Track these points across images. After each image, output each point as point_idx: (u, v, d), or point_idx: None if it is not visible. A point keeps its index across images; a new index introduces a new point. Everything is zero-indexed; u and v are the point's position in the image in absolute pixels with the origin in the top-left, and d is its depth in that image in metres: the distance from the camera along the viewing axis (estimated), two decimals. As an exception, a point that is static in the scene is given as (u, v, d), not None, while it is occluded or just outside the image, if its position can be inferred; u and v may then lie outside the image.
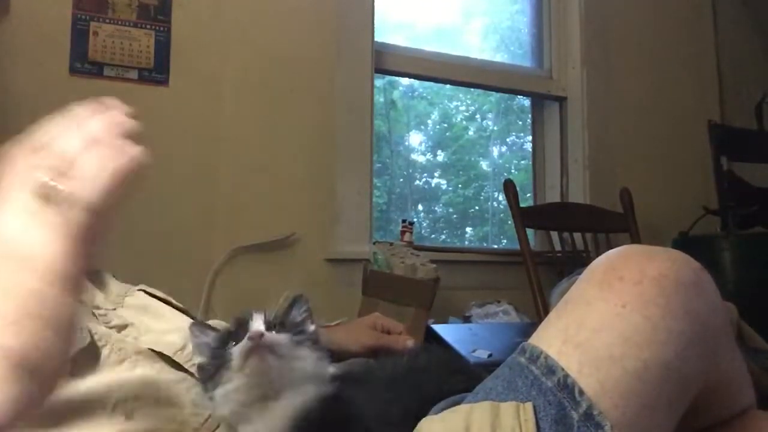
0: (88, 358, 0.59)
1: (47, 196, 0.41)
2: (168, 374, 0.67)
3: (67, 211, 0.40)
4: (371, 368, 0.74)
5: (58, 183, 0.41)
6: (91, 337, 0.60)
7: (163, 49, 1.87)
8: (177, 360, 0.68)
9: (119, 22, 1.83)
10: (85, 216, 0.41)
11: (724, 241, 2.22)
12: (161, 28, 1.88)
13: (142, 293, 0.82)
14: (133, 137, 0.46)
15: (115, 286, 0.81)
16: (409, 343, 0.97)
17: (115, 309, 0.74)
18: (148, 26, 1.86)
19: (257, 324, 0.64)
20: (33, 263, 0.40)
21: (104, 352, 0.60)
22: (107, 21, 1.82)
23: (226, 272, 1.87)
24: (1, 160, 0.45)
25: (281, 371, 0.62)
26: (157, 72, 1.87)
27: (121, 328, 0.69)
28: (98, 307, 0.70)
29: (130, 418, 0.61)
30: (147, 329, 0.72)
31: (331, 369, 0.67)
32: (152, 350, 0.67)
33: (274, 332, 0.64)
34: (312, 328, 0.71)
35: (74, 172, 0.42)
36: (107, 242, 0.46)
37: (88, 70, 1.80)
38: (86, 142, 0.43)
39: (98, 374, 0.58)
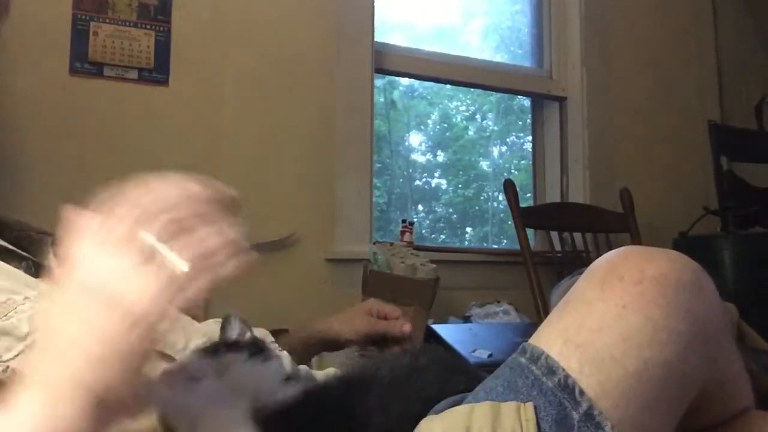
0: None
1: (153, 255, 0.44)
2: None
3: (168, 273, 0.43)
4: (371, 368, 0.74)
5: (167, 246, 0.44)
6: None
7: (163, 49, 1.87)
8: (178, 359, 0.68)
9: (119, 22, 1.83)
10: (181, 283, 0.44)
11: (724, 241, 2.23)
12: (161, 28, 1.88)
13: None
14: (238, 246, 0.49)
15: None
16: (406, 327, 0.97)
17: None
18: (148, 26, 1.86)
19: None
20: (129, 312, 0.43)
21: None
22: (107, 21, 1.82)
23: (226, 272, 1.86)
24: (108, 202, 0.47)
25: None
26: (157, 72, 1.87)
27: None
28: None
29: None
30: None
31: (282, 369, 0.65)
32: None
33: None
34: (249, 335, 0.69)
35: (182, 239, 0.44)
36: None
37: (88, 70, 1.80)
38: (201, 218, 0.46)
39: None
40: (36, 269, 0.68)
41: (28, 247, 0.72)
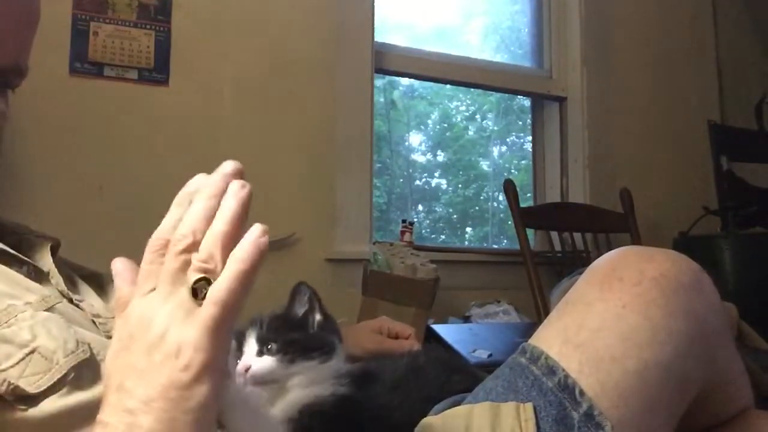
0: (90, 371, 0.59)
1: (199, 292, 0.44)
2: None
3: (213, 308, 0.43)
4: (371, 369, 0.74)
5: (204, 281, 0.44)
6: (90, 350, 0.60)
7: (163, 49, 1.87)
8: None
9: (119, 22, 1.83)
10: (223, 312, 0.43)
11: (724, 241, 2.23)
12: (161, 28, 1.88)
13: None
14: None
15: (114, 291, 0.81)
16: (415, 348, 0.95)
17: (114, 317, 0.73)
18: (148, 26, 1.86)
19: (247, 352, 0.64)
20: (178, 355, 0.43)
21: (103, 366, 0.60)
22: (107, 21, 1.82)
23: (226, 272, 1.86)
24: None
25: (276, 390, 0.62)
26: (157, 72, 1.87)
27: None
28: (98, 316, 0.70)
29: None
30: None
31: (339, 366, 0.66)
32: None
33: (264, 357, 0.63)
34: (318, 317, 0.70)
35: (216, 268, 0.45)
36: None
37: (88, 70, 1.80)
38: (220, 235, 0.46)
39: (99, 386, 0.58)
40: (36, 274, 0.68)
41: (28, 251, 0.72)
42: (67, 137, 1.75)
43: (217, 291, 0.43)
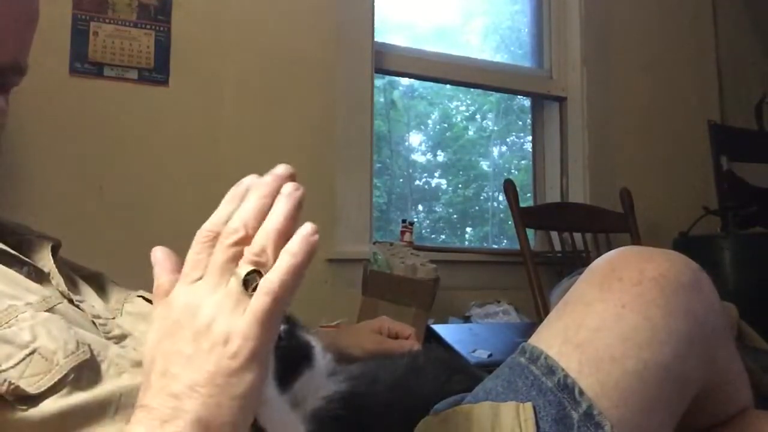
0: (90, 372, 0.59)
1: (249, 284, 0.45)
2: None
3: (261, 299, 0.44)
4: (371, 369, 0.74)
5: (256, 274, 0.46)
6: (91, 351, 0.60)
7: (163, 49, 1.87)
8: None
9: (119, 22, 1.83)
10: (275, 303, 0.45)
11: (724, 241, 2.23)
12: (161, 28, 1.88)
13: (140, 300, 0.81)
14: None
15: (114, 292, 0.81)
16: (415, 348, 0.95)
17: (114, 318, 0.73)
18: (148, 26, 1.86)
19: None
20: (227, 343, 0.44)
21: (103, 366, 0.60)
22: (107, 21, 1.82)
23: (226, 272, 1.86)
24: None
25: (265, 421, 0.60)
26: (157, 72, 1.87)
27: (121, 338, 0.68)
28: (98, 317, 0.69)
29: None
30: (146, 339, 0.72)
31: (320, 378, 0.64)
32: None
33: None
34: (282, 327, 0.67)
35: (268, 262, 0.46)
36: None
37: (88, 70, 1.80)
38: (274, 231, 0.47)
39: (100, 386, 0.58)
40: (37, 274, 0.68)
41: (28, 251, 0.72)
42: (67, 137, 1.76)
43: (270, 282, 0.45)
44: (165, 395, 0.44)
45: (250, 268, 0.45)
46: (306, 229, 0.49)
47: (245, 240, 0.47)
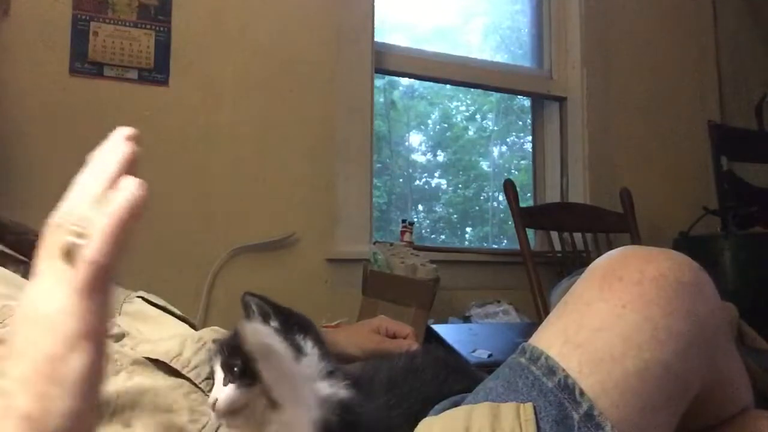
0: None
1: (71, 255, 0.42)
2: (165, 381, 0.66)
3: (81, 268, 0.41)
4: (371, 369, 0.74)
5: (76, 242, 0.42)
6: None
7: (163, 49, 1.87)
8: (174, 366, 0.68)
9: (119, 22, 1.83)
10: (93, 272, 0.41)
11: (724, 241, 2.22)
12: (161, 28, 1.88)
13: (140, 300, 0.81)
14: (133, 166, 0.47)
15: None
16: (414, 348, 0.94)
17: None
18: (148, 26, 1.86)
19: (216, 383, 0.60)
20: (50, 325, 0.41)
21: None
22: (107, 21, 1.82)
23: (226, 273, 1.87)
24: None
25: (252, 415, 0.59)
26: (157, 72, 1.87)
27: (119, 337, 0.68)
28: None
29: (128, 426, 0.61)
30: (143, 338, 0.72)
31: (313, 368, 0.64)
32: (148, 358, 0.67)
33: (228, 385, 0.59)
34: (274, 324, 0.66)
35: (88, 229, 0.42)
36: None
37: (88, 70, 1.80)
38: (93, 195, 0.44)
39: None
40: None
41: (26, 250, 0.72)
42: (67, 137, 1.75)
43: (86, 249, 0.41)
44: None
45: (68, 237, 0.42)
46: (125, 184, 0.43)
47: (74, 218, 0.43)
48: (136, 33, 1.85)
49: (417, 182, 2.73)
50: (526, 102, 2.71)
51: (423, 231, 2.61)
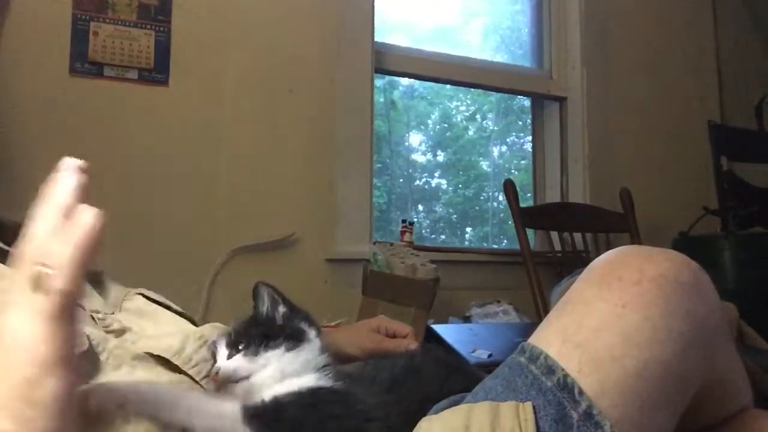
0: (88, 363, 0.59)
1: (39, 284, 0.44)
2: (166, 377, 0.67)
3: (50, 297, 0.44)
4: (370, 368, 0.74)
5: (42, 271, 0.44)
6: (90, 342, 0.60)
7: (163, 49, 1.87)
8: (175, 362, 0.68)
9: (119, 22, 1.83)
10: (60, 299, 0.44)
11: (724, 241, 2.22)
12: (161, 28, 1.88)
13: (140, 297, 0.81)
14: (85, 195, 0.50)
15: (114, 289, 0.81)
16: (413, 347, 0.95)
17: (113, 313, 0.74)
18: (148, 26, 1.86)
19: (219, 358, 0.64)
20: (25, 352, 0.44)
21: (102, 357, 0.60)
22: (107, 21, 1.82)
23: (226, 272, 1.87)
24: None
25: (251, 387, 0.62)
26: (157, 72, 1.87)
27: (120, 332, 0.69)
28: (97, 311, 0.70)
29: (128, 422, 0.61)
30: (145, 333, 0.72)
31: (314, 355, 0.66)
32: (150, 354, 0.67)
33: (234, 357, 0.63)
34: (283, 310, 0.70)
35: (51, 258, 0.45)
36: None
37: (88, 70, 1.80)
38: (53, 227, 0.46)
39: (97, 380, 0.58)
40: None
41: (8, 239, 0.72)
42: (67, 137, 1.76)
43: (52, 279, 0.44)
44: None
45: (36, 268, 0.45)
46: (81, 213, 0.47)
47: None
48: (136, 33, 1.85)
49: (417, 182, 2.73)
50: (526, 102, 2.71)
51: (423, 231, 2.61)
